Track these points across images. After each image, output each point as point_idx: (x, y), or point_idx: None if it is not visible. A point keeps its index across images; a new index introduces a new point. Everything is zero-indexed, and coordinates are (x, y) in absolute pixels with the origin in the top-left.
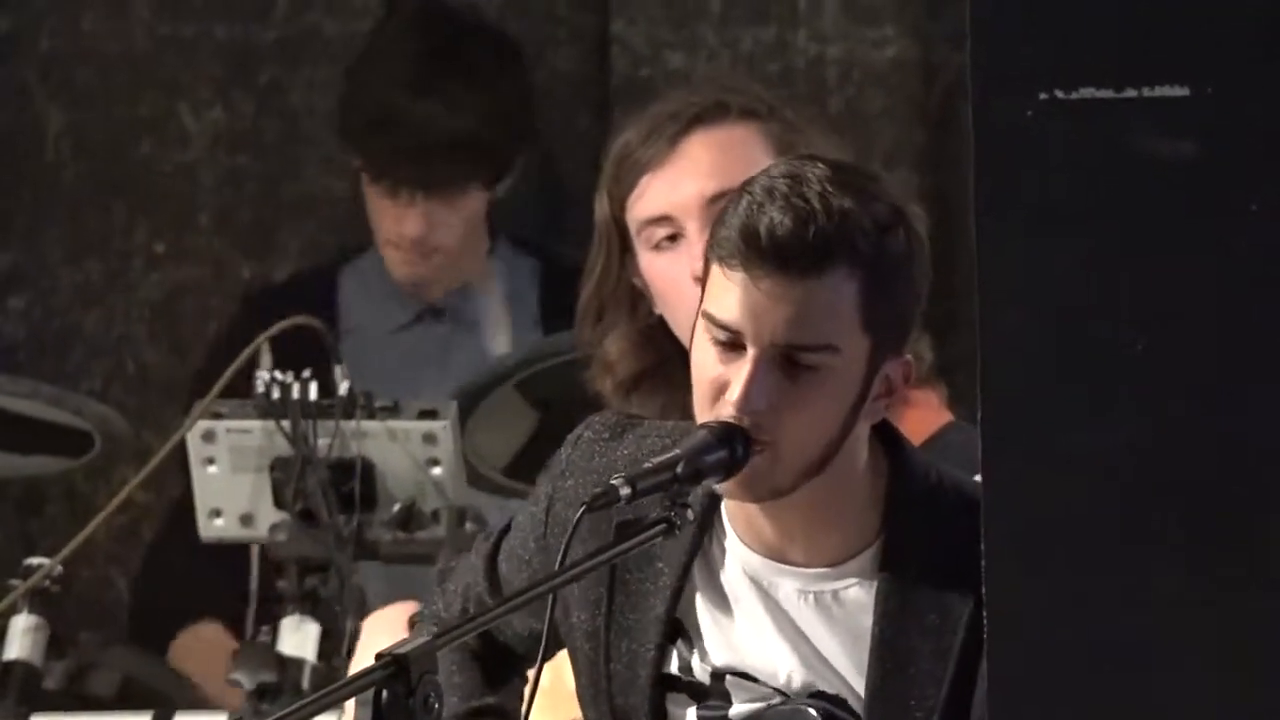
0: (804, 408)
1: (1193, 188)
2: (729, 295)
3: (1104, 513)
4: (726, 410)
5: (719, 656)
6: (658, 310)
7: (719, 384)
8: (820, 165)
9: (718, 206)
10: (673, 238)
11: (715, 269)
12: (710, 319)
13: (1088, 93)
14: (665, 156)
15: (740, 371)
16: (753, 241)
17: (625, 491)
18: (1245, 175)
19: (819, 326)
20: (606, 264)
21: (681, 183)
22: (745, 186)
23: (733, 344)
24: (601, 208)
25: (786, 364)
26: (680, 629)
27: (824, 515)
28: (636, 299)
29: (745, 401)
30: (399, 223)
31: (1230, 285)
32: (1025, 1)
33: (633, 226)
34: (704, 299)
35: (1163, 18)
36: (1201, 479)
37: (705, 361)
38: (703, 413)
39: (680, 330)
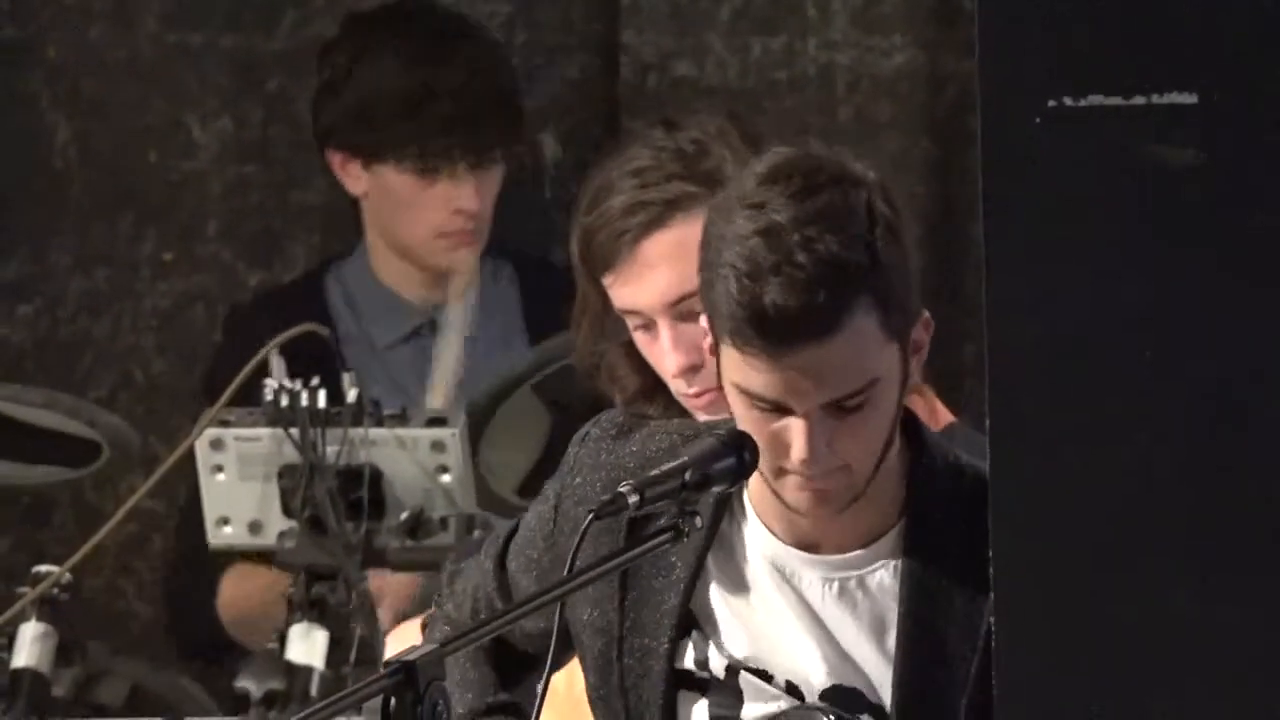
0: (864, 431)
1: (1201, 194)
2: (756, 374)
3: (1111, 523)
4: (794, 467)
5: (736, 647)
6: None
7: (776, 439)
8: (780, 198)
9: (684, 304)
10: (648, 325)
11: (730, 348)
12: (745, 393)
13: (1096, 100)
14: (625, 259)
15: (794, 431)
16: (761, 327)
17: (634, 500)
18: (1253, 182)
19: (856, 373)
20: (587, 293)
21: (643, 289)
22: (717, 248)
23: (775, 408)
24: (575, 259)
25: (837, 409)
26: (695, 621)
27: (862, 502)
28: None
29: (812, 463)
30: (451, 201)
31: (1238, 293)
32: (1033, 10)
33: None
34: (726, 368)
35: (1170, 25)
36: (1207, 489)
37: (749, 418)
38: (769, 463)
39: (669, 386)
